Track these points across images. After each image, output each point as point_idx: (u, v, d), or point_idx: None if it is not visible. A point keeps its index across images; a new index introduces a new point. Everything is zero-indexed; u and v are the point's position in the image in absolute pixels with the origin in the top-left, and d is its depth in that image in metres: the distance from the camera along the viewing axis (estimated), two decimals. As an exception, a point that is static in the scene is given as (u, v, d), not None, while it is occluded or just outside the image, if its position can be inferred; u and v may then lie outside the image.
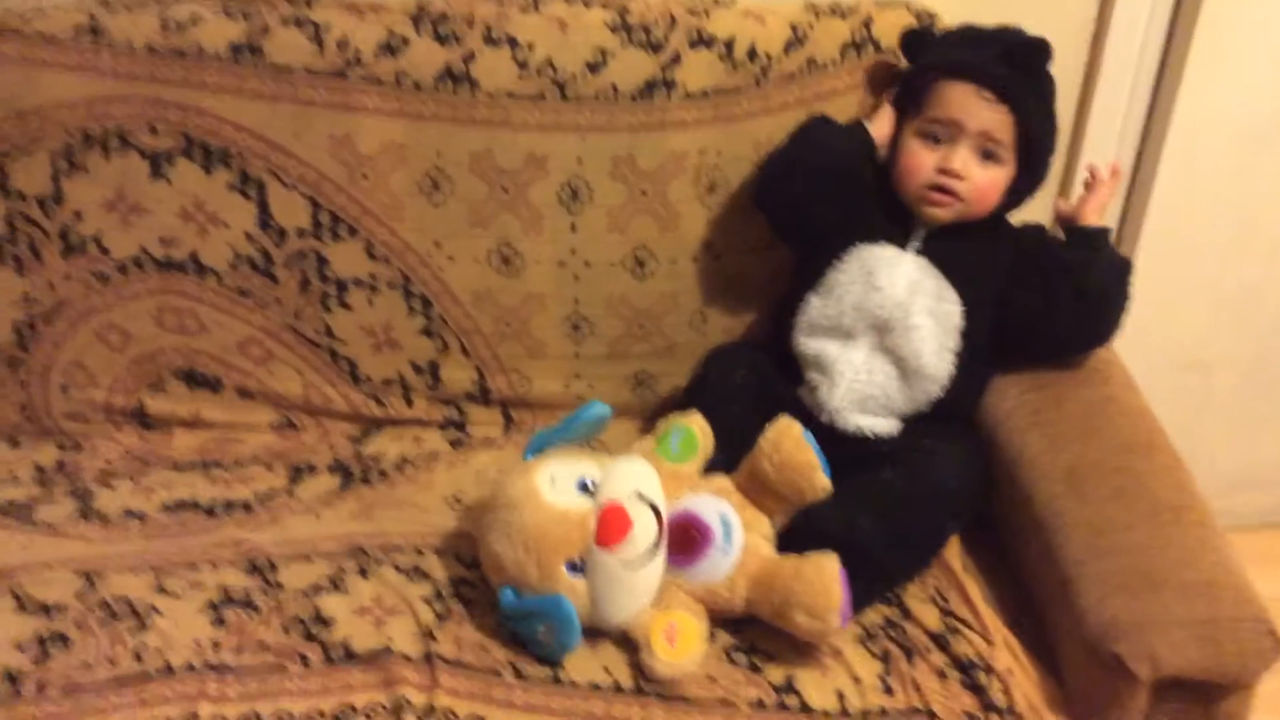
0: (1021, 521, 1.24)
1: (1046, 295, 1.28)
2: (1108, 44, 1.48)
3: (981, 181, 1.27)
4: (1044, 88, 1.29)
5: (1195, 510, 1.16)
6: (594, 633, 1.13)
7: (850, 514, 1.17)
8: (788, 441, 1.15)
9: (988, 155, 1.26)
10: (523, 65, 1.33)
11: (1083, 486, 1.20)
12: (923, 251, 1.30)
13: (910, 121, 1.30)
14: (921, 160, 1.27)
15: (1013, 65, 1.25)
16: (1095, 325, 1.32)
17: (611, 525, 1.10)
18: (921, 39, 1.34)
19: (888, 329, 1.28)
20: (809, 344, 1.32)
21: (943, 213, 1.28)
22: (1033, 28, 1.45)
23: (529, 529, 1.11)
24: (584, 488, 1.14)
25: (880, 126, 1.32)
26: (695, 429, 1.21)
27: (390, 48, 1.32)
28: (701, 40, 1.34)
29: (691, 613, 1.12)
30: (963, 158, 1.26)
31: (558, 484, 1.14)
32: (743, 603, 1.13)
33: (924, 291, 1.28)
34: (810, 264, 1.34)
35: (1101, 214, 1.31)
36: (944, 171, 1.26)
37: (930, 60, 1.30)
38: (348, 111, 1.33)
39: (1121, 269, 1.31)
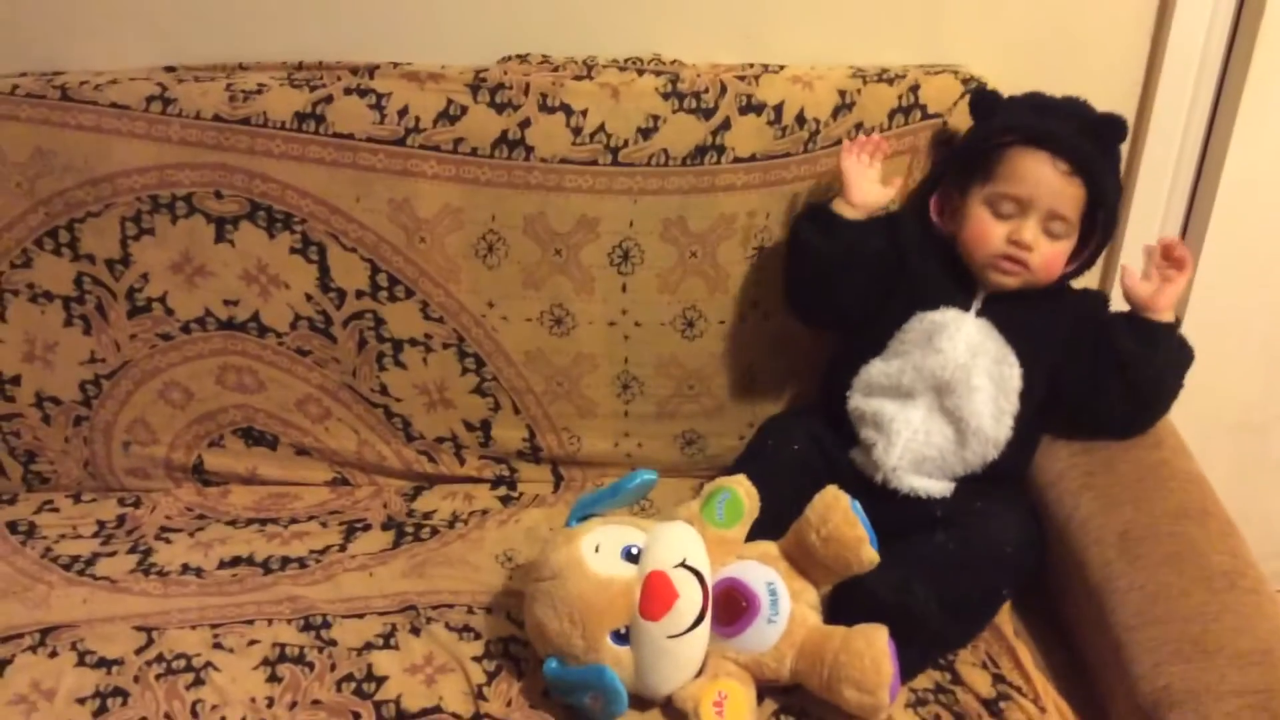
0: (1073, 586, 1.23)
1: (1096, 381, 1.28)
2: (1155, 107, 1.48)
3: (1050, 254, 1.27)
4: (1117, 164, 1.31)
5: (1250, 577, 1.15)
6: (643, 700, 1.14)
7: (903, 578, 1.16)
8: (835, 515, 1.14)
9: (1057, 228, 1.27)
10: (576, 131, 1.36)
11: (1136, 551, 1.19)
12: (983, 313, 1.30)
13: (978, 188, 1.29)
14: (991, 230, 1.27)
15: (1093, 140, 1.26)
16: (1141, 416, 1.32)
17: (656, 596, 1.10)
18: (992, 102, 1.34)
19: (948, 390, 1.28)
20: (867, 403, 1.32)
21: (1010, 280, 1.28)
22: (1080, 91, 1.46)
23: (573, 599, 1.11)
24: (629, 555, 1.14)
25: (864, 194, 1.32)
26: (741, 492, 1.21)
27: (449, 115, 1.35)
28: (751, 106, 1.36)
29: (739, 681, 1.12)
30: (1033, 230, 1.26)
31: (602, 552, 1.14)
32: (790, 673, 1.12)
33: (985, 354, 1.28)
34: (869, 329, 1.34)
35: (1174, 307, 1.30)
36: (1015, 243, 1.26)
37: (1008, 124, 1.29)
38: (407, 177, 1.37)
39: (1180, 363, 1.30)
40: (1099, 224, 1.29)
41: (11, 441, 1.47)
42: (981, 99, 1.35)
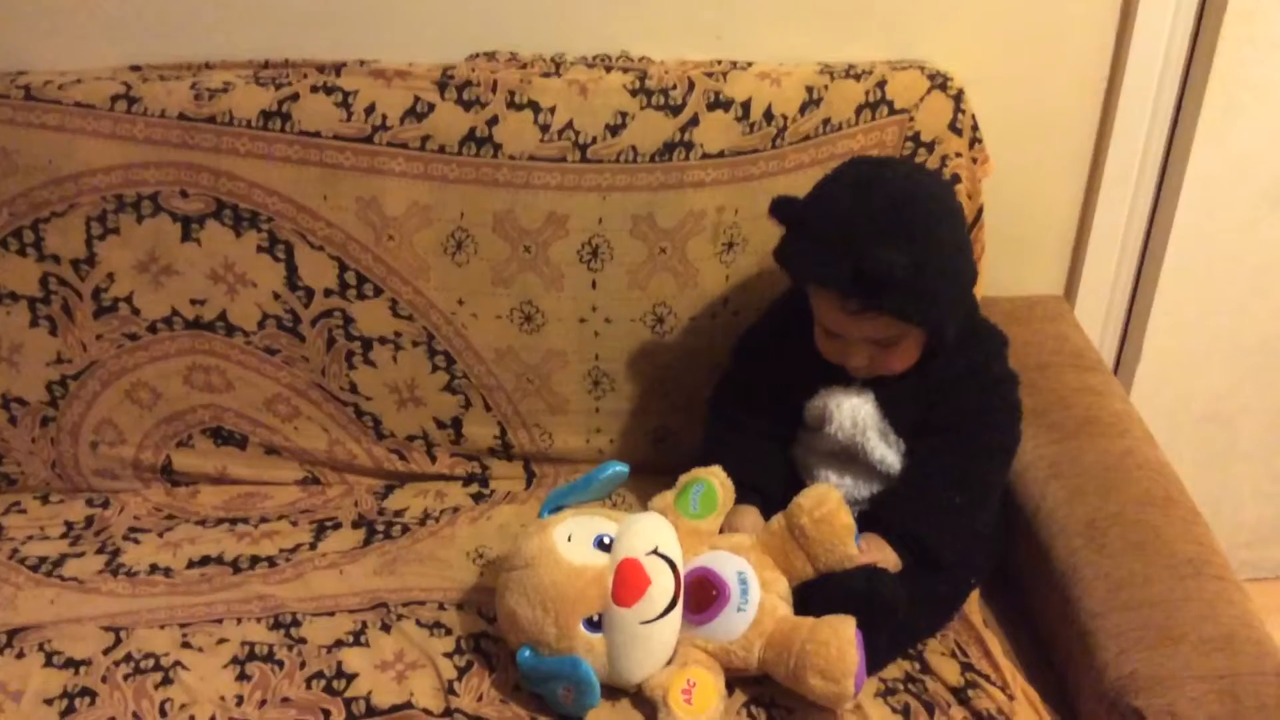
0: (1040, 574, 1.24)
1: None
2: (1120, 102, 1.50)
3: (889, 359, 1.21)
4: (920, 279, 1.11)
5: (1214, 564, 1.16)
6: (614, 691, 1.14)
7: (872, 569, 1.16)
8: (830, 502, 1.14)
9: (885, 341, 1.19)
10: (544, 128, 1.36)
11: (1102, 540, 1.20)
12: (868, 384, 1.26)
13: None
14: (826, 347, 1.23)
15: (870, 285, 1.11)
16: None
17: (629, 582, 1.10)
18: (788, 212, 1.21)
19: (851, 457, 1.28)
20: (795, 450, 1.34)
21: (866, 374, 1.25)
22: (1046, 87, 1.49)
23: (546, 587, 1.12)
24: (601, 544, 1.15)
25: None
26: (716, 484, 1.22)
27: (416, 113, 1.35)
28: (719, 102, 1.37)
29: (708, 670, 1.12)
30: (860, 354, 1.20)
31: (575, 541, 1.15)
32: (758, 662, 1.13)
33: (871, 426, 1.25)
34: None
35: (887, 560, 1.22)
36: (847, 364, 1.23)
37: (785, 259, 1.20)
38: (374, 174, 1.37)
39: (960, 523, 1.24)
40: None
41: (-23, 444, 1.46)
42: (777, 209, 1.21)
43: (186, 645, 1.22)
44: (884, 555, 1.20)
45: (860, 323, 1.17)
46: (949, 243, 1.17)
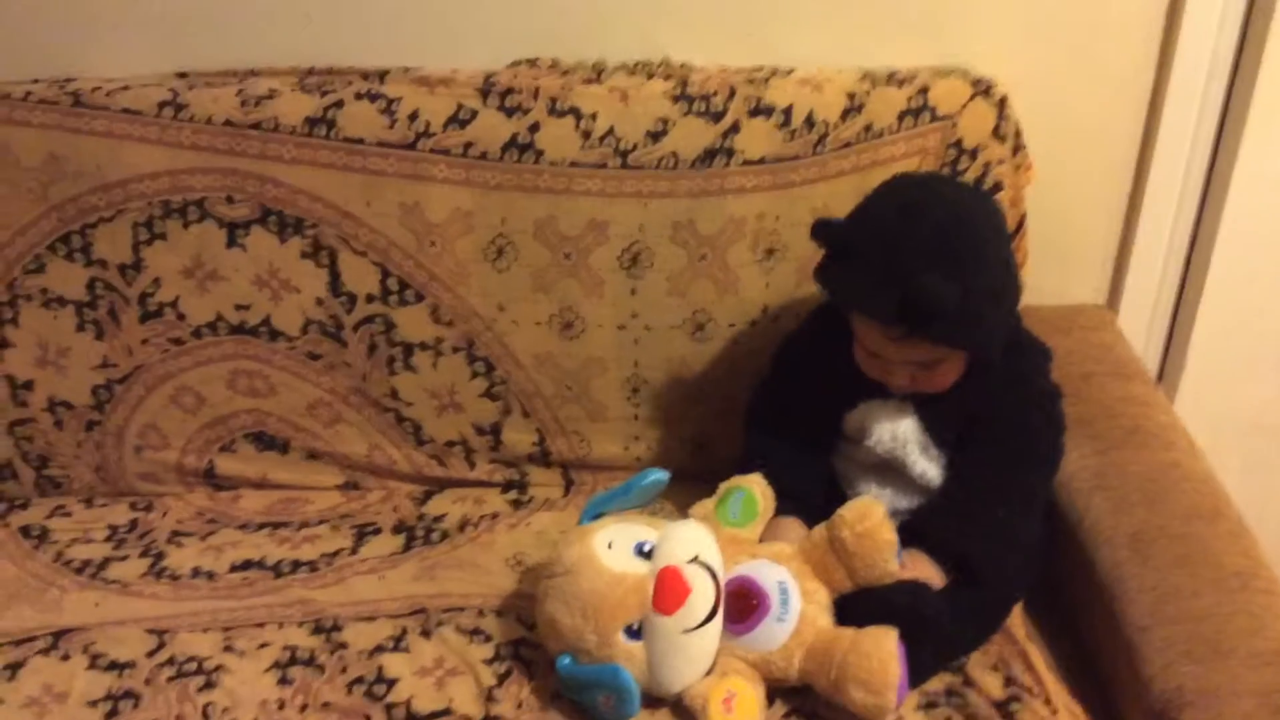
0: (1085, 587, 1.23)
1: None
2: (1166, 108, 1.48)
3: (930, 379, 1.20)
4: (968, 307, 1.10)
5: (1262, 577, 1.15)
6: (653, 699, 1.14)
7: (914, 584, 1.15)
8: (874, 517, 1.13)
9: (926, 363, 1.18)
10: (586, 135, 1.36)
11: (1147, 552, 1.19)
12: (909, 397, 1.25)
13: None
14: (867, 364, 1.21)
15: (917, 314, 1.10)
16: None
17: (669, 590, 1.10)
18: (829, 234, 1.19)
19: (890, 469, 1.27)
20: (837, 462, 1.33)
21: (908, 390, 1.23)
22: (1090, 93, 1.48)
23: (586, 594, 1.11)
24: (641, 552, 1.14)
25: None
26: (756, 491, 1.22)
27: (459, 120, 1.36)
28: (760, 109, 1.37)
29: (748, 680, 1.12)
30: (901, 374, 1.19)
31: (615, 548, 1.14)
32: (798, 673, 1.12)
33: (911, 440, 1.25)
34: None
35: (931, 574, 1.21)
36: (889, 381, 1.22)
37: (832, 291, 1.20)
38: (417, 181, 1.37)
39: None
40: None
41: (24, 446, 1.48)
42: (820, 231, 1.19)
43: (229, 649, 1.23)
44: (926, 571, 1.19)
45: (904, 348, 1.16)
46: (996, 264, 1.16)
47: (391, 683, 1.18)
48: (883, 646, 1.07)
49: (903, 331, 1.13)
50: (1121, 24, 1.45)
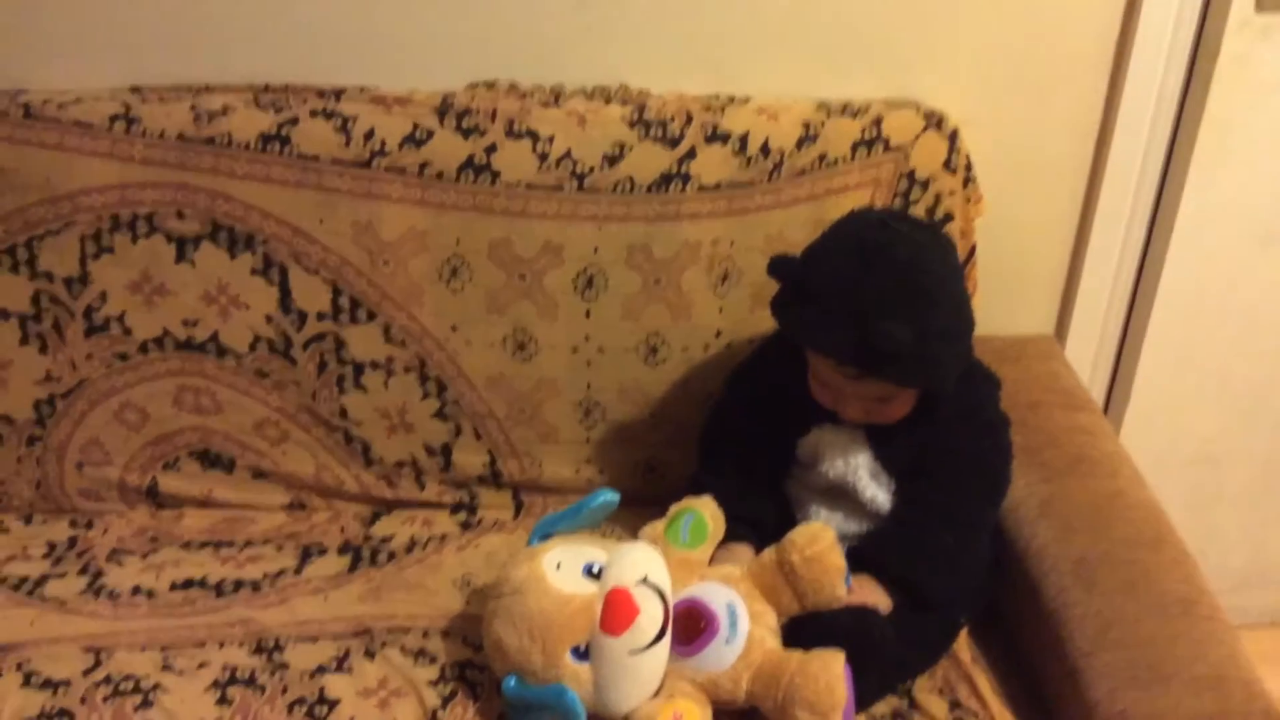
0: (1030, 612, 1.24)
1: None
2: (1113, 143, 1.51)
3: (884, 412, 1.21)
4: (924, 347, 1.11)
5: (1204, 604, 1.16)
6: (599, 721, 1.13)
7: (861, 609, 1.16)
8: (823, 542, 1.13)
9: (879, 398, 1.19)
10: (543, 157, 1.37)
11: (1092, 578, 1.20)
12: (860, 424, 1.25)
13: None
14: (820, 395, 1.23)
15: (874, 356, 1.11)
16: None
17: (617, 611, 1.09)
18: (787, 271, 1.19)
19: (841, 494, 1.28)
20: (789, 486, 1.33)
21: (860, 421, 1.24)
22: (1039, 128, 1.50)
23: (533, 615, 1.11)
24: (590, 573, 1.14)
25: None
26: (706, 514, 1.21)
27: (415, 139, 1.36)
28: (716, 135, 1.38)
29: (695, 701, 1.11)
30: (855, 408, 1.21)
31: (564, 569, 1.14)
32: (745, 695, 1.11)
33: (862, 467, 1.26)
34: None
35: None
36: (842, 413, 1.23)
37: (789, 330, 1.20)
38: (371, 199, 1.37)
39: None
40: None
41: (-38, 462, 1.45)
42: (777, 269, 1.20)
43: (167, 668, 1.21)
44: (874, 596, 1.19)
45: (858, 385, 1.17)
46: (951, 305, 1.17)
47: (334, 703, 1.17)
48: (830, 669, 1.07)
49: (858, 372, 1.14)
50: (1071, 60, 1.48)
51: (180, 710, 1.15)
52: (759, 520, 1.27)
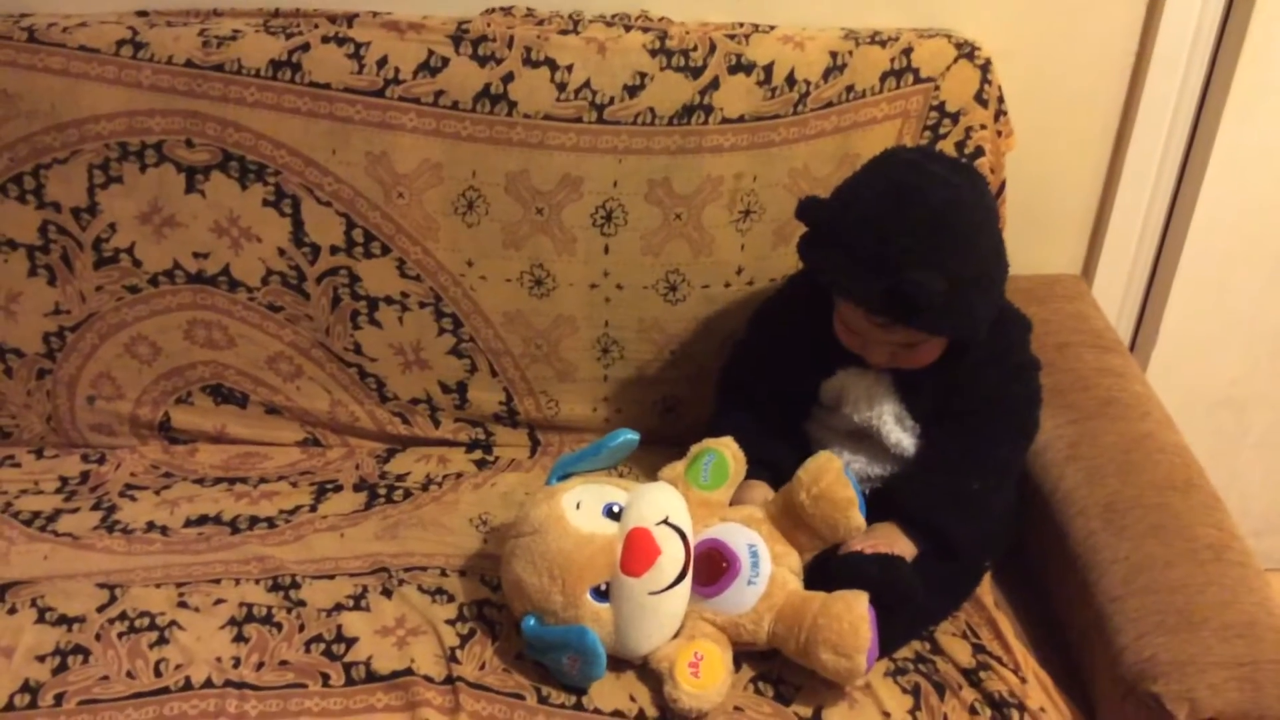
0: (1056, 556, 1.22)
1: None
2: (1148, 76, 1.47)
3: (911, 358, 1.18)
4: (955, 297, 1.07)
5: (1235, 549, 1.14)
6: (619, 662, 1.12)
7: (886, 557, 1.14)
8: (828, 475, 1.12)
9: (907, 344, 1.16)
10: (561, 87, 1.33)
11: (1121, 523, 1.18)
12: (888, 370, 1.22)
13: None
14: (847, 340, 1.19)
15: (904, 305, 1.07)
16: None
17: (638, 551, 1.08)
18: (816, 215, 1.14)
19: (865, 436, 1.25)
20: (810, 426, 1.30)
21: (886, 366, 1.21)
22: (1072, 61, 1.46)
23: (553, 554, 1.09)
24: (610, 513, 1.12)
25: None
26: (727, 454, 1.19)
27: (430, 67, 1.32)
28: (740, 65, 1.34)
29: (716, 643, 1.10)
30: (881, 354, 1.17)
31: (584, 509, 1.12)
32: (767, 636, 1.10)
33: (888, 412, 1.23)
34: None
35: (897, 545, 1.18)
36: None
37: (818, 273, 1.16)
38: (385, 129, 1.33)
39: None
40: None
41: (-29, 395, 1.43)
42: (806, 212, 1.15)
43: (183, 605, 1.20)
44: (899, 544, 1.17)
45: (886, 332, 1.14)
46: (986, 251, 1.14)
47: (351, 642, 1.16)
48: (854, 610, 1.05)
49: (888, 320, 1.11)
50: (1107, -9, 1.43)
51: (196, 647, 1.14)
52: (779, 461, 1.25)
